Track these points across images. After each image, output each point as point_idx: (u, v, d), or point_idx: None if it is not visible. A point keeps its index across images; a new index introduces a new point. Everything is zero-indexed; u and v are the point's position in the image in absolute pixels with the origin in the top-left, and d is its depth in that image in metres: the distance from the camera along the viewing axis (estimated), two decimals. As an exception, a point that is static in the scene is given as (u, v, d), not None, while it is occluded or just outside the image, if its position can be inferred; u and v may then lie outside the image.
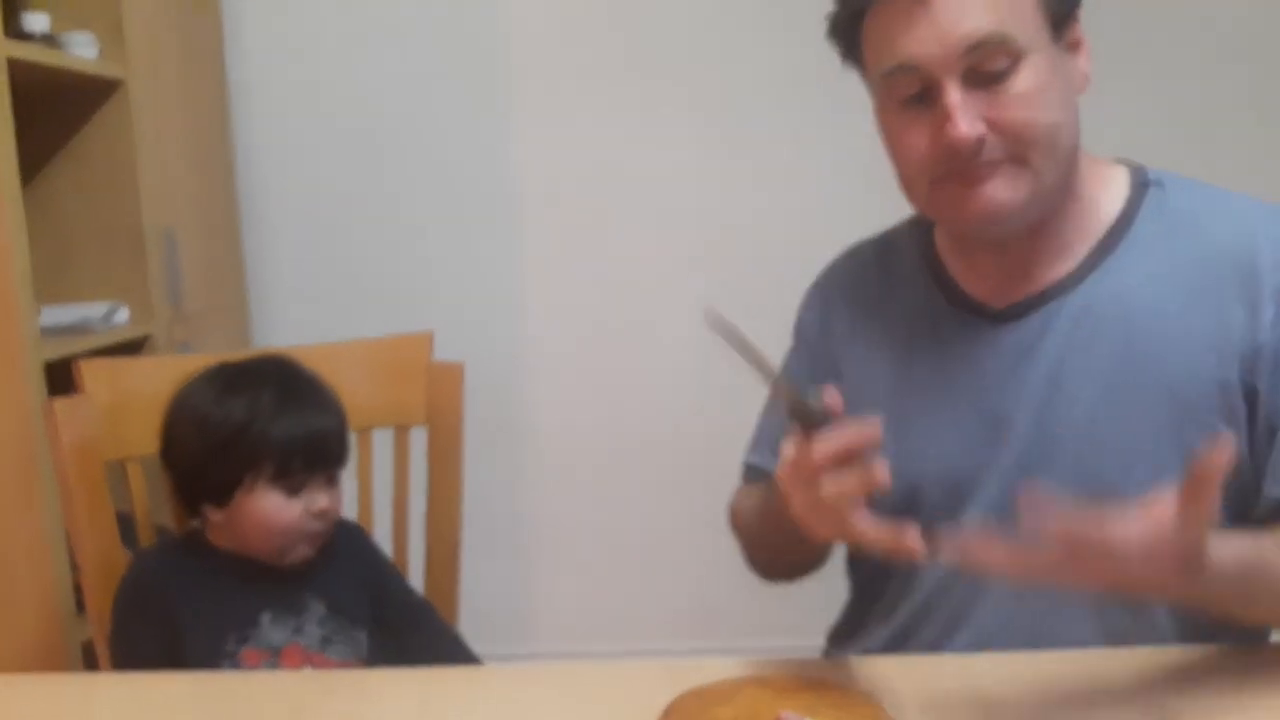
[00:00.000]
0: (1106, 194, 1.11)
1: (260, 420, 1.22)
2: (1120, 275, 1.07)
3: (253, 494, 1.23)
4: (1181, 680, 0.98)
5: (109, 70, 1.96)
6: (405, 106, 2.52)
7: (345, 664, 1.29)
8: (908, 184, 1.08)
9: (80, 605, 1.64)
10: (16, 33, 1.80)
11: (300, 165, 2.54)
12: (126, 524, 1.37)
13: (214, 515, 1.26)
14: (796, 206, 2.50)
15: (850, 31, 1.07)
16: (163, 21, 2.16)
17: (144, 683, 1.17)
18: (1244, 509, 1.05)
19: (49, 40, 1.86)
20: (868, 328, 1.22)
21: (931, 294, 1.17)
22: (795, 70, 2.42)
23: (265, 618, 1.26)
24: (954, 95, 0.98)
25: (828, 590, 1.29)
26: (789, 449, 0.92)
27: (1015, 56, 0.98)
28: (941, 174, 1.03)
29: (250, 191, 2.53)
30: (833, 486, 0.88)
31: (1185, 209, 1.09)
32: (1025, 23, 0.99)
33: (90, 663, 1.60)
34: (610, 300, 2.56)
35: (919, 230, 1.22)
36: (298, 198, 2.56)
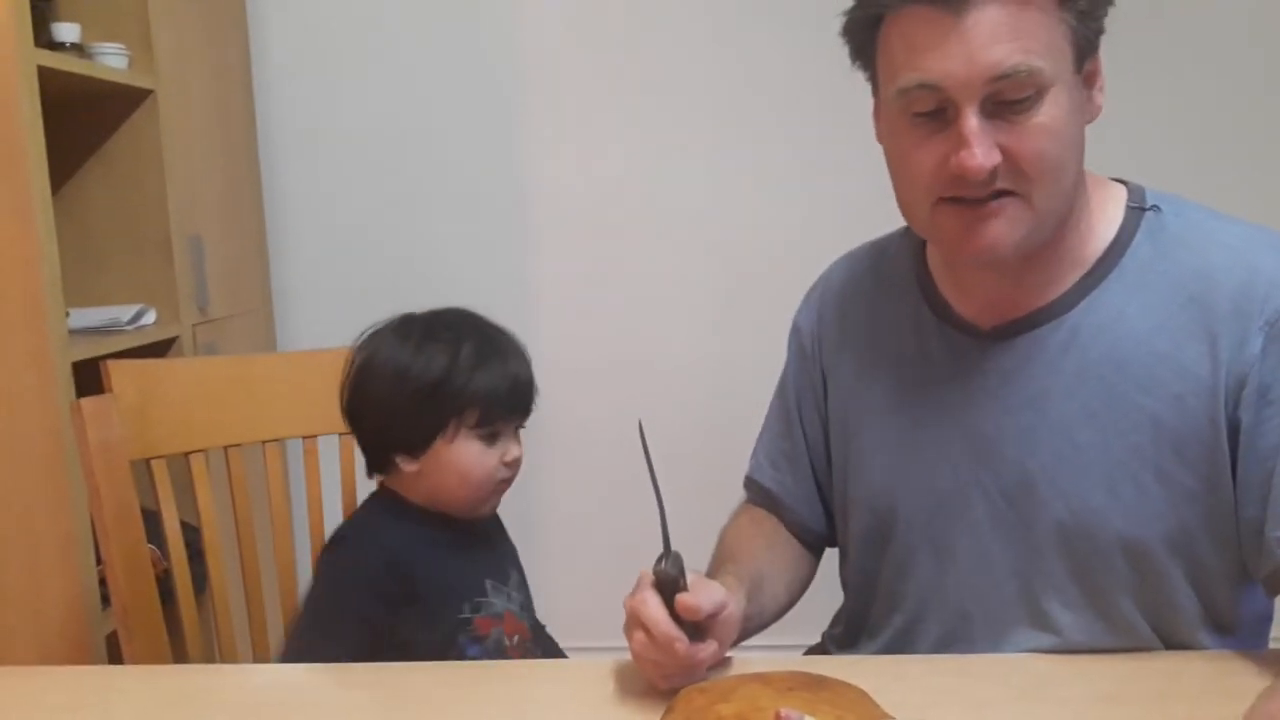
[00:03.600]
0: (1103, 217, 1.08)
1: (464, 369, 1.21)
2: (1110, 303, 1.05)
3: (454, 443, 1.22)
4: (1172, 681, 1.00)
5: (138, 80, 2.00)
6: (425, 116, 2.55)
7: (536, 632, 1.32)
8: (908, 201, 1.05)
9: (105, 600, 1.67)
10: (48, 42, 1.83)
11: (323, 173, 2.58)
12: (152, 522, 1.39)
13: (407, 466, 1.24)
14: (806, 213, 2.51)
15: (866, 33, 1.03)
16: (191, 33, 2.20)
17: (164, 675, 1.20)
18: (1232, 547, 1.04)
19: (79, 50, 1.90)
20: (857, 338, 1.22)
21: (920, 309, 1.16)
22: (805, 78, 2.45)
23: (489, 585, 1.28)
24: (972, 121, 0.95)
25: (828, 589, 1.30)
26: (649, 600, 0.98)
27: (1040, 88, 0.95)
28: (944, 198, 1.00)
29: (275, 198, 2.56)
30: (635, 642, 0.99)
31: (1181, 235, 1.05)
32: (1054, 54, 0.96)
33: (114, 655, 1.63)
34: (623, 306, 2.58)
35: (911, 241, 1.20)
36: (321, 205, 2.59)
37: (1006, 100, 0.95)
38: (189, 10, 2.19)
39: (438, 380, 1.21)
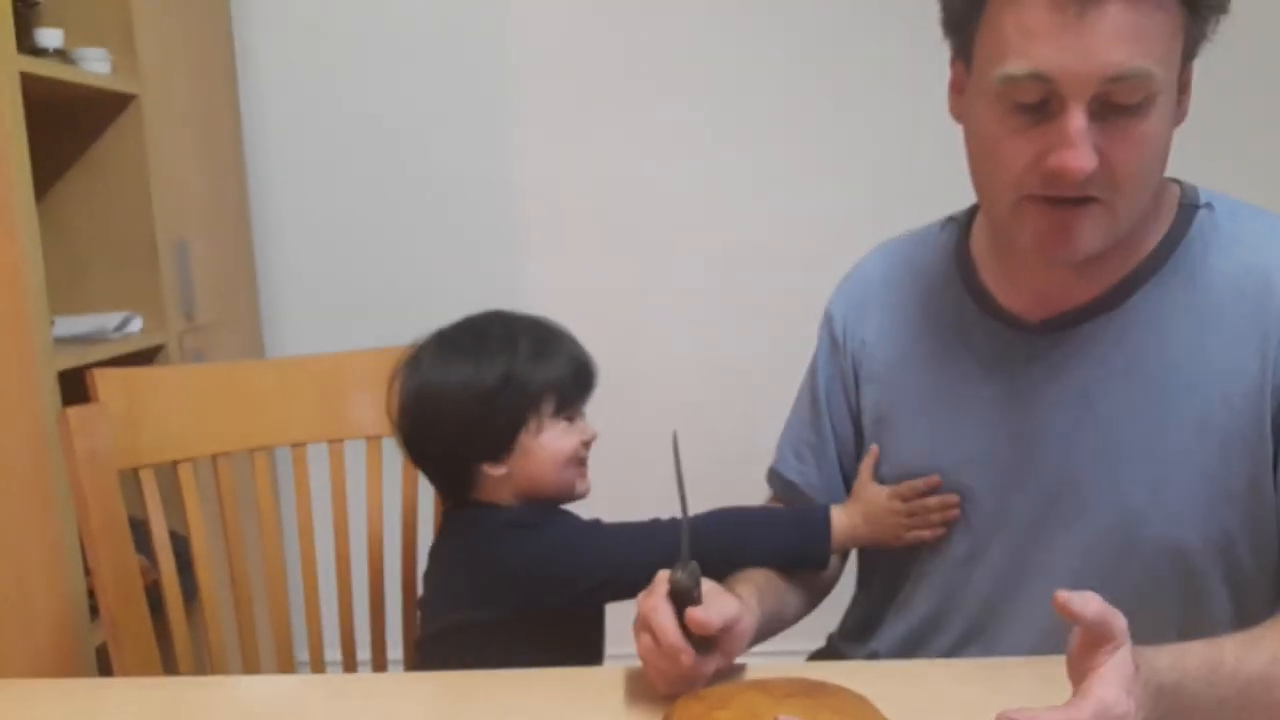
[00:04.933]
0: (1157, 213, 1.06)
1: (525, 363, 1.23)
2: (1161, 300, 1.04)
3: (540, 433, 1.23)
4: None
5: (122, 85, 1.98)
6: (415, 120, 2.54)
7: None
8: (990, 190, 1.02)
9: (94, 611, 1.66)
10: (30, 48, 1.82)
11: (311, 178, 2.56)
12: (140, 531, 1.38)
13: (495, 471, 1.23)
14: (802, 214, 2.51)
15: (972, 4, 0.98)
16: (175, 36, 2.18)
17: (154, 687, 1.18)
18: (1271, 552, 1.04)
19: (62, 55, 1.88)
20: (896, 330, 1.20)
21: (963, 301, 1.14)
22: (802, 79, 2.44)
23: None
24: (1079, 121, 0.91)
25: (833, 592, 1.30)
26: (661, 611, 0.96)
27: (1150, 95, 0.92)
28: (1031, 194, 0.97)
29: (262, 203, 2.55)
30: (642, 646, 0.98)
31: (1234, 234, 1.05)
32: (1169, 61, 0.93)
33: (104, 667, 1.61)
34: (617, 310, 2.57)
35: (953, 233, 1.19)
36: (309, 209, 2.58)
37: (1115, 104, 0.92)
38: (173, 14, 2.18)
39: (504, 378, 1.22)
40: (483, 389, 1.21)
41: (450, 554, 1.27)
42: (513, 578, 1.20)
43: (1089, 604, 0.78)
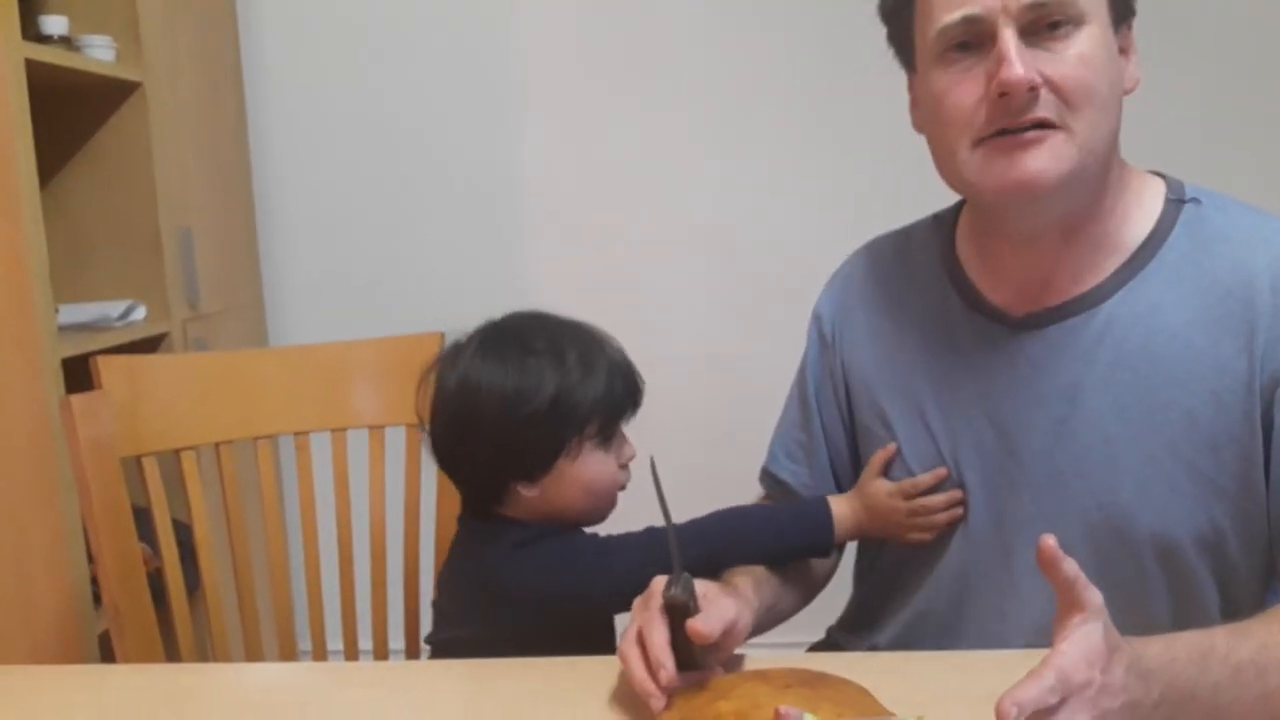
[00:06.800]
0: (1140, 208, 1.07)
1: (576, 380, 1.15)
2: (1147, 295, 1.04)
3: (578, 458, 1.16)
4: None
5: (126, 73, 1.98)
6: (419, 110, 2.54)
7: None
8: (948, 149, 1.03)
9: (97, 598, 1.66)
10: (35, 35, 1.82)
11: (315, 166, 2.56)
12: (143, 519, 1.38)
13: (528, 491, 1.16)
14: (804, 210, 2.50)
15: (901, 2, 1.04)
16: (179, 24, 2.18)
17: (156, 674, 1.19)
18: (1261, 548, 1.04)
19: (67, 43, 1.89)
20: (883, 326, 1.20)
21: (948, 296, 1.15)
22: (804, 74, 2.44)
23: None
24: (1011, 39, 0.95)
25: (832, 585, 1.30)
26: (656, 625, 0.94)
27: (1077, 20, 0.96)
28: (987, 135, 0.98)
29: (266, 191, 2.55)
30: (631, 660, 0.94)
31: (1220, 230, 1.04)
32: None
33: (106, 654, 1.62)
34: (620, 303, 2.56)
35: (940, 229, 1.19)
36: (313, 198, 2.58)
37: (1044, 30, 0.96)
38: (178, 2, 2.17)
39: (554, 397, 1.14)
40: (529, 409, 1.13)
41: (463, 569, 1.22)
42: (521, 601, 1.15)
43: (1067, 562, 0.77)
